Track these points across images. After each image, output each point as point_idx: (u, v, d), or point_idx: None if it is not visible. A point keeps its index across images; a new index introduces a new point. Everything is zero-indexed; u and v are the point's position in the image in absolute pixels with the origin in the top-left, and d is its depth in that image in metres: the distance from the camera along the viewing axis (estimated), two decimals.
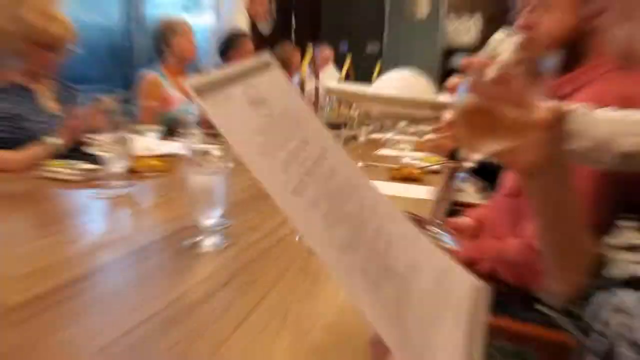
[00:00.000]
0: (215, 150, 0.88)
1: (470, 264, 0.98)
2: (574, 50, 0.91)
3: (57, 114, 1.58)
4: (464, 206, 1.45)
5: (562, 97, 0.90)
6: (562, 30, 0.89)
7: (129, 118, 1.12)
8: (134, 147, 1.20)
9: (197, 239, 0.79)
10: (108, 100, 1.15)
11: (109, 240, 0.80)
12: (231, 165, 0.79)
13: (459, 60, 0.55)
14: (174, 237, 0.82)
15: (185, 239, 0.80)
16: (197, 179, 0.77)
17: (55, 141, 1.42)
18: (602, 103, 0.66)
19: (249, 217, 0.94)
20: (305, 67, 1.59)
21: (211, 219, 0.78)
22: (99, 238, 0.82)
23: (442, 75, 5.15)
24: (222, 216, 0.80)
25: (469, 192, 1.75)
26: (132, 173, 1.27)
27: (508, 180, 1.03)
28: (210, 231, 0.79)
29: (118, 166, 1.17)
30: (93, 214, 0.97)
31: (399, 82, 0.97)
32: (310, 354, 0.50)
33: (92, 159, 1.38)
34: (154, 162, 1.35)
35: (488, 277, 0.94)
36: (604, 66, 0.86)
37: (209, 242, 0.78)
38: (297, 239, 0.84)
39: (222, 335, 0.52)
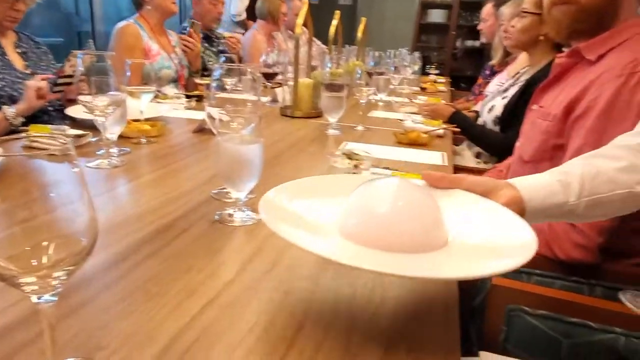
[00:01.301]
0: (222, 114, 0.82)
1: None
2: (606, 11, 0.89)
3: (26, 72, 1.43)
4: (464, 171, 1.46)
5: (597, 59, 0.90)
6: None
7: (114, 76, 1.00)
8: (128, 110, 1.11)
9: (227, 212, 0.76)
10: (89, 57, 1.03)
11: (133, 216, 0.74)
12: (248, 132, 0.74)
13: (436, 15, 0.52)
14: (200, 211, 0.77)
15: (213, 213, 0.76)
16: (225, 147, 0.71)
17: (20, 107, 1.29)
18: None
19: (268, 189, 0.91)
20: (301, 24, 1.50)
21: (243, 191, 0.74)
22: (120, 213, 0.76)
23: (419, 30, 5.08)
24: None
25: (466, 156, 1.76)
26: (123, 139, 1.18)
27: (528, 146, 1.01)
28: (239, 204, 0.76)
29: (112, 132, 1.08)
30: (97, 187, 0.89)
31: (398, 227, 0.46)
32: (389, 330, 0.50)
33: (77, 123, 1.27)
34: (146, 126, 1.26)
35: None
36: (638, 26, 0.87)
37: (240, 216, 0.75)
38: None
39: (295, 320, 0.51)
